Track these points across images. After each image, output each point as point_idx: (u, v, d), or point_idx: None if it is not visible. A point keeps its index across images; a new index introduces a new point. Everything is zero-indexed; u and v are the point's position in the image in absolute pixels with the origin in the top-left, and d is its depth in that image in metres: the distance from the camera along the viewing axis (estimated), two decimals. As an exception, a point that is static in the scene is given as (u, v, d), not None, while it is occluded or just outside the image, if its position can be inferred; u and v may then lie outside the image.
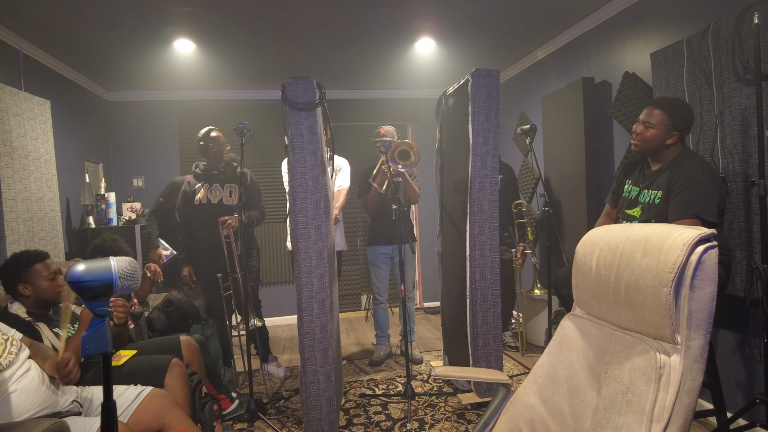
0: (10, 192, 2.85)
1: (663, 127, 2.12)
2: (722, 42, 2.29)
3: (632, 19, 3.06)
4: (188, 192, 3.26)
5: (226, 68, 4.18)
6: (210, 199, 3.21)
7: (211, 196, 3.22)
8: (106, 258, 0.98)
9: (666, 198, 2.08)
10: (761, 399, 2.01)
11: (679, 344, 1.02)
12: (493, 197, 2.73)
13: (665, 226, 1.13)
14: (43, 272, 2.03)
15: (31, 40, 3.28)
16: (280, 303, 5.02)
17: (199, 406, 2.21)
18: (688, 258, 1.01)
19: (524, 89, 4.49)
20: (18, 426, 1.47)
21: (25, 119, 3.08)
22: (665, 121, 2.11)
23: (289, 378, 3.43)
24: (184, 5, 2.91)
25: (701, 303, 1.01)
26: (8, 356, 1.66)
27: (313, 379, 2.40)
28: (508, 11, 3.24)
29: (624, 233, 1.20)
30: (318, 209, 2.39)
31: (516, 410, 1.36)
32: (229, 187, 3.25)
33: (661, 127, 2.12)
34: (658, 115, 2.13)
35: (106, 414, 0.97)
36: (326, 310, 2.41)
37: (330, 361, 2.42)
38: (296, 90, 2.35)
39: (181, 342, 2.39)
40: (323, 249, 2.41)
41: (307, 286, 2.39)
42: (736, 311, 2.32)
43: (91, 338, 0.94)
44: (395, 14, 3.21)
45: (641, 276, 1.08)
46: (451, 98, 3.13)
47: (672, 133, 2.11)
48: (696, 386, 1.00)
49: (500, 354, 2.78)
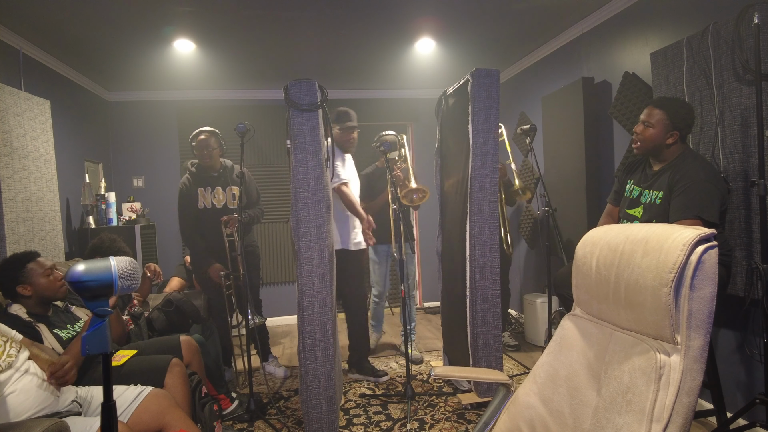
0: (10, 192, 2.85)
1: (662, 127, 2.12)
2: (722, 42, 2.29)
3: (632, 19, 3.06)
4: (185, 192, 3.24)
5: (226, 68, 4.18)
6: (215, 204, 3.23)
7: (215, 200, 3.23)
8: (106, 258, 0.98)
9: (667, 198, 2.08)
10: (761, 399, 2.01)
11: (679, 344, 1.02)
12: (493, 197, 2.73)
13: (665, 226, 1.13)
14: (37, 270, 2.03)
15: (31, 40, 3.28)
16: (280, 303, 5.02)
17: (199, 406, 2.21)
18: (688, 258, 1.01)
19: (524, 89, 4.49)
20: (18, 426, 1.47)
21: (25, 119, 3.08)
22: (664, 120, 2.12)
23: (289, 378, 3.43)
24: (184, 5, 2.91)
25: (701, 303, 1.01)
26: (8, 357, 1.66)
27: (313, 379, 2.40)
28: (508, 11, 3.24)
29: (624, 233, 1.20)
30: (319, 209, 2.39)
31: (516, 410, 1.36)
32: (231, 190, 3.27)
33: (661, 126, 2.12)
34: (657, 115, 2.13)
35: (106, 414, 0.97)
36: (327, 309, 2.41)
37: (330, 361, 2.42)
38: (299, 92, 2.37)
39: (181, 342, 2.39)
40: (324, 248, 2.41)
41: (308, 285, 2.40)
42: (736, 311, 2.32)
43: (91, 338, 0.94)
44: (395, 14, 3.21)
45: (641, 276, 1.08)
46: (451, 98, 3.13)
47: (671, 132, 2.12)
48: (696, 386, 1.00)
49: (500, 354, 2.78)
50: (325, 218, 2.42)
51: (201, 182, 3.24)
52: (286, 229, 5.05)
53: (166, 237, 4.76)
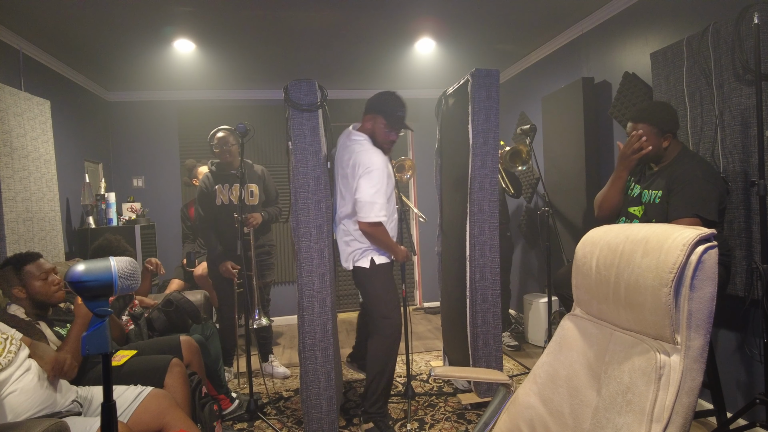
0: (9, 192, 2.85)
1: (653, 137, 2.14)
2: (722, 42, 2.29)
3: (632, 19, 3.06)
4: (205, 190, 3.27)
5: (226, 68, 4.18)
6: (232, 201, 3.24)
7: (232, 197, 3.25)
8: (106, 258, 0.98)
9: (666, 198, 2.08)
10: (761, 399, 2.01)
11: (679, 344, 1.02)
12: (493, 197, 2.73)
13: (665, 226, 1.13)
14: (34, 273, 2.00)
15: (30, 40, 3.28)
16: (280, 303, 5.02)
17: (199, 406, 2.21)
18: (688, 258, 1.01)
19: (524, 89, 4.49)
20: (17, 426, 1.47)
21: (25, 119, 3.08)
22: (652, 131, 2.14)
23: (289, 378, 3.43)
24: (184, 5, 2.91)
25: (701, 303, 1.01)
26: (7, 355, 1.66)
27: (313, 379, 2.40)
28: (508, 11, 3.24)
29: (624, 233, 1.20)
30: (319, 209, 2.40)
31: (516, 410, 1.36)
32: (249, 187, 3.28)
33: (652, 137, 2.14)
34: (643, 128, 2.15)
35: (106, 414, 0.97)
36: (327, 309, 2.41)
37: (330, 361, 2.42)
38: (299, 92, 2.38)
39: (181, 342, 2.39)
40: (324, 248, 2.41)
41: (309, 285, 2.40)
42: (736, 311, 2.32)
43: (90, 338, 0.94)
44: (395, 14, 3.21)
45: (641, 276, 1.08)
46: (451, 98, 3.13)
47: (664, 136, 2.13)
48: (696, 386, 1.00)
49: (500, 354, 2.78)
50: (325, 218, 2.42)
51: (220, 180, 3.26)
52: (286, 229, 5.05)
53: (166, 237, 4.76)
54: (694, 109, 2.46)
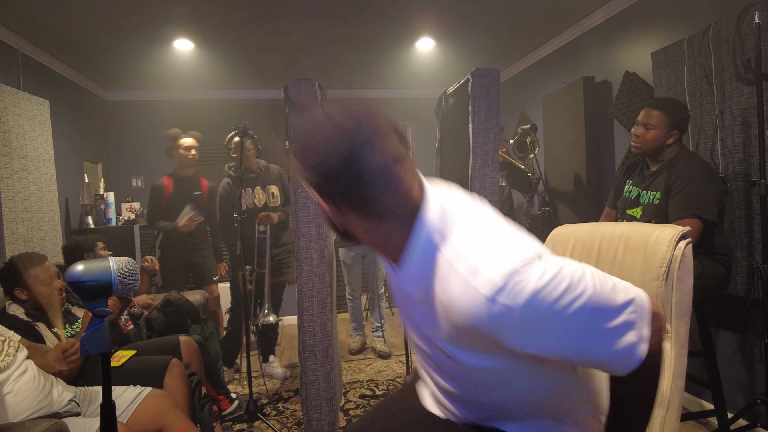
0: (8, 192, 2.84)
1: (663, 128, 2.13)
2: (723, 41, 2.29)
3: (633, 18, 3.06)
4: (225, 196, 3.30)
5: (226, 68, 4.17)
6: (256, 204, 3.28)
7: (256, 200, 3.27)
8: (106, 258, 0.98)
9: (665, 198, 2.08)
10: (762, 399, 2.01)
11: (669, 332, 1.10)
12: (493, 197, 2.72)
13: (641, 225, 1.22)
14: (39, 276, 1.99)
15: (30, 39, 3.27)
16: (280, 303, 5.01)
17: (199, 407, 2.21)
18: (674, 253, 1.10)
19: (524, 89, 4.48)
20: (17, 427, 1.47)
21: (24, 119, 3.07)
22: (665, 122, 2.12)
23: (289, 378, 3.43)
24: (183, 5, 2.91)
25: (685, 293, 1.11)
26: (6, 358, 1.65)
27: (313, 379, 2.40)
28: (508, 11, 3.24)
29: (597, 231, 1.28)
30: (319, 209, 2.39)
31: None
32: (269, 189, 3.30)
33: (662, 127, 2.13)
34: (657, 116, 2.14)
35: (106, 414, 0.97)
36: (327, 310, 2.41)
37: (330, 361, 2.41)
38: (298, 91, 2.36)
39: (180, 342, 2.39)
40: (324, 248, 2.41)
41: (308, 285, 2.39)
42: (737, 311, 2.32)
43: (90, 338, 0.94)
44: (395, 14, 3.20)
45: (626, 271, 1.17)
46: (451, 98, 3.13)
47: (672, 132, 2.13)
48: (684, 370, 1.09)
49: (500, 354, 2.77)
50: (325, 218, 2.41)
51: (242, 184, 3.25)
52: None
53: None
54: (695, 108, 2.46)
